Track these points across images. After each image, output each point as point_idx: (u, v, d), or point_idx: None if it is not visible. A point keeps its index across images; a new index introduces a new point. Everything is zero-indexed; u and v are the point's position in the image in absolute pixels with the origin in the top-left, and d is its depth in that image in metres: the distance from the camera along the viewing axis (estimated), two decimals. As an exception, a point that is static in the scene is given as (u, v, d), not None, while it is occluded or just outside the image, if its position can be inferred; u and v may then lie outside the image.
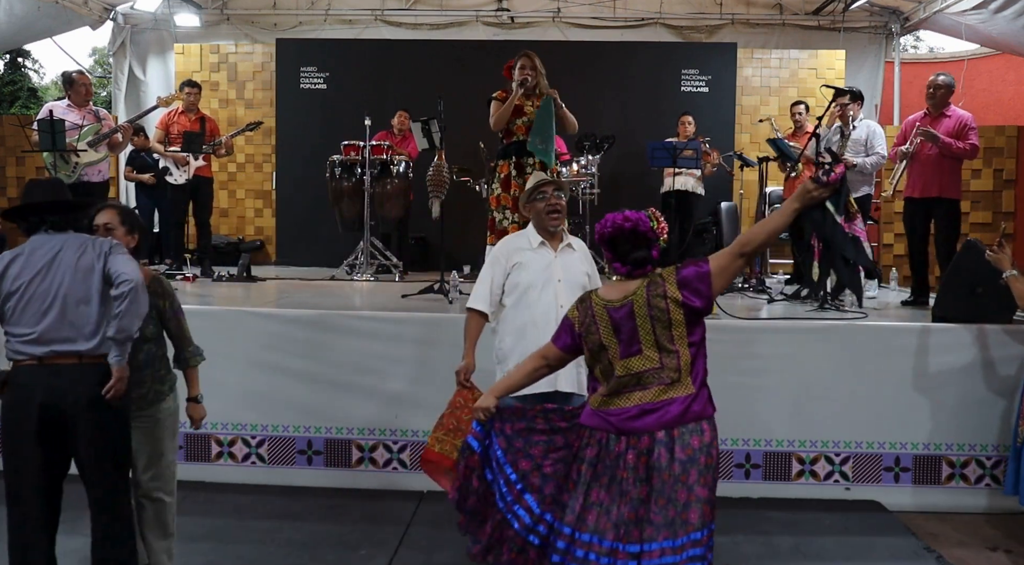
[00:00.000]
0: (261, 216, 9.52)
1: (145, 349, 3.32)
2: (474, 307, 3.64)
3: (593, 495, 2.65)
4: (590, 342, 2.75)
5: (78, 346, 2.96)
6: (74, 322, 2.96)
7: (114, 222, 3.29)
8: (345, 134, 7.48)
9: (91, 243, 3.05)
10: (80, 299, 2.97)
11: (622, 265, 2.76)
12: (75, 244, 3.03)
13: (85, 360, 2.96)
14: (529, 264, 3.58)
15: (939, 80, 5.76)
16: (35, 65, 20.57)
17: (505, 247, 3.70)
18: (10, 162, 9.04)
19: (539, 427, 2.93)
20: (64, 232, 3.08)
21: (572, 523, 2.66)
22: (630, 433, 2.62)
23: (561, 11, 9.29)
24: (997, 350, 4.68)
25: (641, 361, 2.65)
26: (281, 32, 9.39)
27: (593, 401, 2.75)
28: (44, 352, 2.94)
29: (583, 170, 7.31)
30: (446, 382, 4.68)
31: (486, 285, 3.65)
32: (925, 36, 18.26)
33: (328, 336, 4.80)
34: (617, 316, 2.68)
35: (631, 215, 2.75)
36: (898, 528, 4.36)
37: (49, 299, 2.95)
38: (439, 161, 5.94)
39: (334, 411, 4.79)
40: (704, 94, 9.02)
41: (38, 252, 3.02)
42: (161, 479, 3.43)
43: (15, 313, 2.99)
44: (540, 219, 3.62)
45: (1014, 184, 8.34)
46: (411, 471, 4.77)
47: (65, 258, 2.99)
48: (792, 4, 9.23)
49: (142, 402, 3.33)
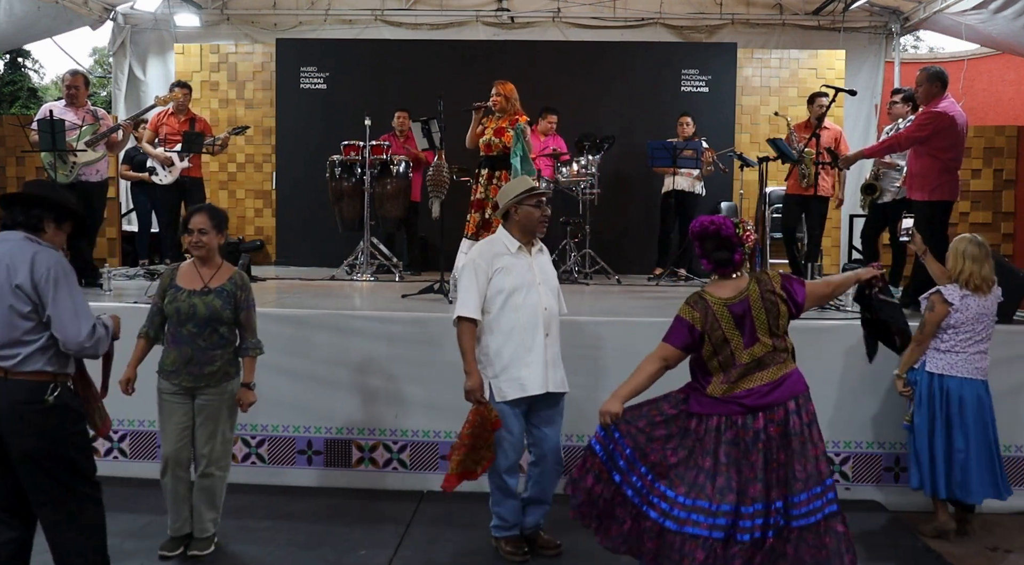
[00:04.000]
0: (261, 216, 9.51)
1: (220, 331, 3.70)
2: (467, 316, 3.64)
3: (746, 471, 3.03)
4: (714, 338, 3.12)
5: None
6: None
7: (207, 226, 3.69)
8: (345, 134, 7.48)
9: (19, 257, 2.84)
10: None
11: (707, 262, 3.24)
12: (13, 255, 2.84)
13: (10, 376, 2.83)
14: (512, 268, 3.68)
15: (919, 74, 5.39)
16: (35, 65, 20.60)
17: (484, 253, 3.72)
18: (10, 162, 9.02)
19: (657, 419, 3.19)
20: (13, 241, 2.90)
21: (732, 501, 3.01)
22: (766, 408, 3.06)
23: (561, 11, 9.29)
24: (997, 350, 4.66)
25: (760, 347, 3.11)
26: (281, 32, 9.38)
27: (716, 390, 3.11)
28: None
29: (583, 170, 7.31)
30: (446, 382, 4.71)
31: (473, 293, 3.65)
32: (925, 36, 18.28)
33: (328, 336, 4.80)
34: (737, 311, 3.12)
35: (717, 219, 3.18)
36: (898, 528, 4.35)
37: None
38: (439, 161, 5.94)
39: (334, 411, 4.79)
40: (704, 94, 9.02)
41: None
42: (216, 454, 3.73)
43: None
44: (530, 224, 3.73)
45: (1014, 184, 8.34)
46: (411, 471, 4.78)
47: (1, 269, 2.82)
48: (792, 4, 9.23)
49: (211, 379, 3.68)
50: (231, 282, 3.73)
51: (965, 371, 4.19)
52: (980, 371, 4.23)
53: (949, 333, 4.21)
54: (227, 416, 3.77)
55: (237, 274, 3.79)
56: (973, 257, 4.18)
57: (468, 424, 3.61)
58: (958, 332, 4.19)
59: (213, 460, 3.73)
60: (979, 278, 4.17)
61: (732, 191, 8.59)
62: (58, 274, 2.86)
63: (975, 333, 4.20)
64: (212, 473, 3.74)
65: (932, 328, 4.21)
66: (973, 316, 4.18)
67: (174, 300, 3.67)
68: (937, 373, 4.21)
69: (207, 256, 3.74)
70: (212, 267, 3.76)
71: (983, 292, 4.20)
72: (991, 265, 4.23)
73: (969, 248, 4.21)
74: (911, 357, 4.28)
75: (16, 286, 2.80)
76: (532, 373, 3.66)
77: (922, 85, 5.41)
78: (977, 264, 4.18)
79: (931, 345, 4.26)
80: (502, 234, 3.79)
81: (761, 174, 6.94)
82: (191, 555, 3.72)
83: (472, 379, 3.64)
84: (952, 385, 4.18)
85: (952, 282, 4.23)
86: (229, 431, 3.82)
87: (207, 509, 3.78)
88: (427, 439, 4.76)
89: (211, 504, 3.79)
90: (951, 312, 4.16)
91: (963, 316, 4.17)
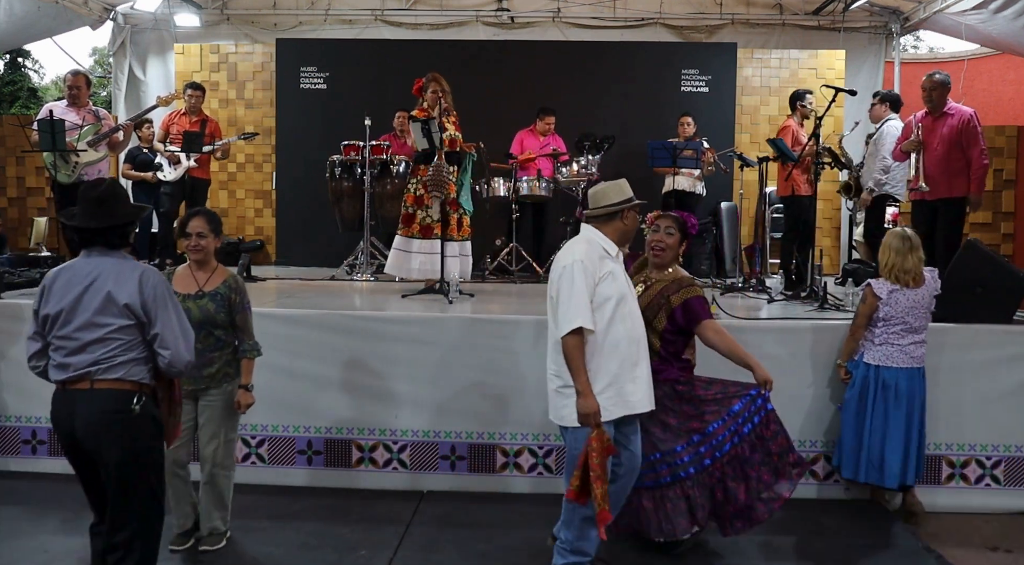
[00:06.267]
0: (261, 216, 9.52)
1: (216, 334, 3.71)
2: (584, 326, 3.20)
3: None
4: None
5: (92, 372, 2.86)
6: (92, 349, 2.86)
7: (205, 229, 3.69)
8: (345, 134, 7.48)
9: (124, 276, 2.87)
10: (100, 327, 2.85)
11: None
12: (107, 274, 2.86)
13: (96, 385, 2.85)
14: (617, 274, 3.37)
15: (934, 79, 5.64)
16: (35, 65, 20.58)
17: (590, 255, 3.32)
18: (10, 162, 9.04)
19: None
20: (109, 255, 2.92)
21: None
22: None
23: (561, 11, 9.29)
24: (997, 350, 4.67)
25: None
26: (281, 32, 9.38)
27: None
28: (65, 377, 2.87)
29: (583, 170, 7.31)
30: (446, 382, 4.72)
31: (584, 299, 3.23)
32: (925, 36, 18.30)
33: (328, 336, 4.80)
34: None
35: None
36: (898, 528, 4.36)
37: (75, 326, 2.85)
38: (439, 161, 5.95)
39: (334, 411, 4.79)
40: (704, 94, 9.02)
41: (76, 277, 2.88)
42: (219, 455, 3.76)
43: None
44: (632, 232, 3.53)
45: (1014, 184, 8.35)
46: (411, 471, 4.77)
47: (98, 287, 2.84)
48: (792, 4, 9.23)
49: (212, 381, 3.71)
50: (225, 285, 3.73)
51: (901, 361, 4.35)
52: (916, 360, 4.38)
53: (881, 326, 4.36)
54: (229, 417, 3.80)
55: (231, 277, 3.78)
56: (896, 250, 4.33)
57: (594, 452, 3.17)
58: (889, 325, 4.34)
59: (217, 462, 3.77)
60: (901, 270, 4.30)
61: (732, 191, 8.59)
62: (164, 293, 2.90)
63: (907, 325, 4.33)
64: (217, 474, 3.79)
65: (863, 319, 4.40)
66: (903, 309, 4.31)
67: None
68: (874, 364, 4.37)
69: (204, 259, 3.75)
70: (207, 271, 3.77)
71: (911, 285, 4.31)
72: (917, 258, 4.35)
73: (893, 241, 4.37)
74: (847, 347, 4.50)
75: (125, 305, 2.81)
76: (638, 389, 3.35)
77: (937, 90, 5.62)
78: (900, 256, 4.32)
79: (867, 338, 4.42)
80: (597, 236, 3.42)
81: (761, 174, 6.96)
82: (202, 549, 3.79)
83: (590, 401, 3.20)
84: (888, 375, 4.34)
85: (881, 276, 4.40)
86: (232, 431, 3.85)
87: (216, 508, 3.84)
88: (427, 439, 4.76)
89: (220, 503, 3.85)
90: (880, 305, 4.32)
91: (892, 309, 4.32)
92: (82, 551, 3.80)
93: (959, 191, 5.61)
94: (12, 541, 3.95)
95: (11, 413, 4.94)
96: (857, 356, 4.47)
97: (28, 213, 9.16)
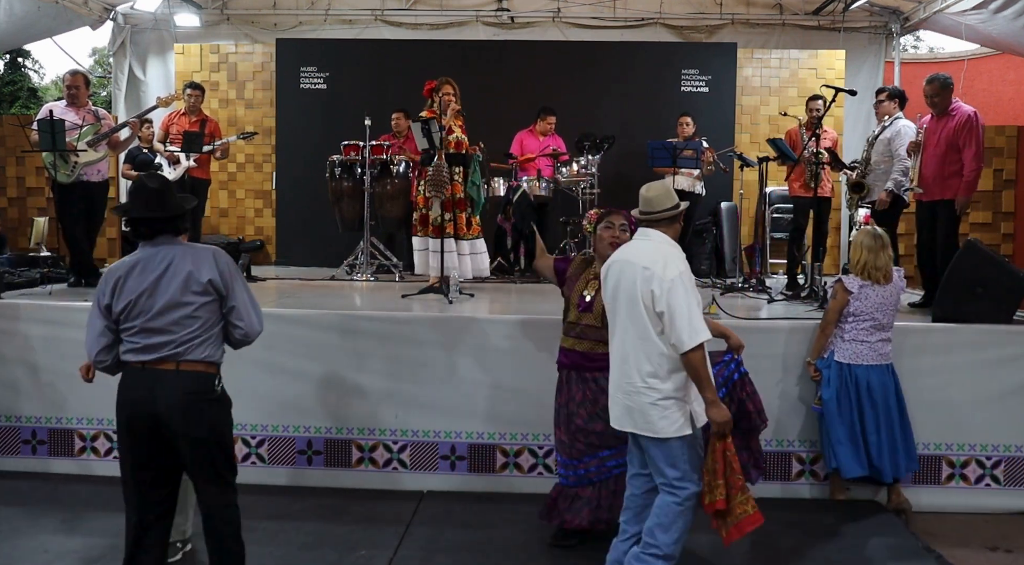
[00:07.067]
0: (261, 216, 9.52)
1: None
2: (705, 339, 3.18)
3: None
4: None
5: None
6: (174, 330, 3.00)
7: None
8: (345, 134, 7.48)
9: (199, 256, 3.07)
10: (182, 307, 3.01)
11: None
12: (182, 256, 3.03)
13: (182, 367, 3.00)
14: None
15: (935, 84, 5.55)
16: (35, 65, 20.56)
17: (686, 263, 3.34)
18: (10, 162, 9.02)
19: None
20: (175, 242, 3.09)
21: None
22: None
23: (561, 11, 9.28)
24: (997, 350, 4.67)
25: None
26: (281, 32, 9.38)
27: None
28: (148, 358, 2.99)
29: (583, 170, 7.31)
30: (446, 382, 4.72)
31: (699, 310, 3.20)
32: (925, 36, 18.28)
33: (328, 336, 4.80)
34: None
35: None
36: (898, 528, 4.36)
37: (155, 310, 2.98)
38: (439, 161, 5.95)
39: (334, 411, 4.79)
40: (704, 94, 9.02)
41: (151, 263, 3.02)
42: None
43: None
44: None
45: (1014, 184, 8.34)
46: (411, 471, 4.77)
47: (176, 269, 3.00)
48: (792, 4, 9.22)
49: None
50: None
51: (870, 359, 4.43)
52: (884, 356, 4.47)
53: (851, 322, 4.44)
54: None
55: None
56: (868, 247, 4.43)
57: (733, 459, 3.26)
58: (859, 320, 4.41)
59: None
60: (873, 267, 4.41)
61: (732, 191, 8.59)
62: (234, 270, 3.11)
63: (876, 322, 4.41)
64: None
65: (834, 315, 4.48)
66: (873, 306, 4.40)
67: None
68: (846, 363, 4.43)
69: None
70: None
71: (881, 281, 4.41)
72: (888, 256, 4.46)
73: (866, 240, 4.48)
74: (818, 344, 4.56)
75: (208, 281, 2.99)
76: None
77: (939, 94, 5.56)
78: (872, 254, 4.42)
79: (836, 335, 4.50)
80: (668, 239, 3.39)
81: (761, 174, 6.96)
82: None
83: (723, 409, 3.21)
84: (860, 373, 4.42)
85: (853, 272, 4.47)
86: None
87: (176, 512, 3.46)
88: (427, 439, 4.76)
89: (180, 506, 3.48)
90: (850, 300, 4.40)
91: (862, 305, 4.40)
92: (82, 551, 3.81)
93: (954, 193, 5.51)
94: (12, 541, 3.95)
95: (11, 413, 4.94)
96: (827, 354, 4.52)
97: (28, 213, 9.15)
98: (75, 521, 4.15)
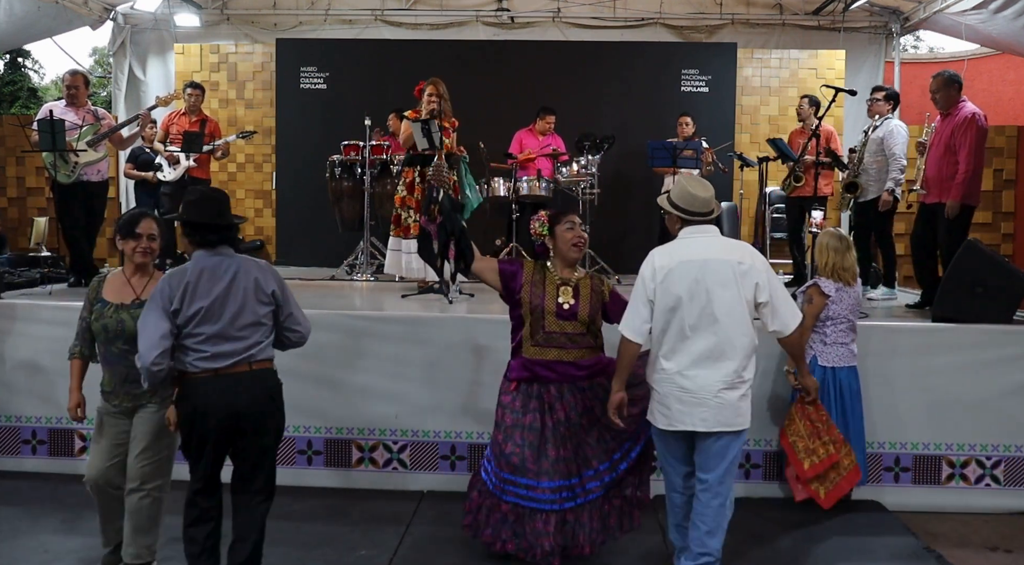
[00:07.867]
0: (261, 216, 9.52)
1: None
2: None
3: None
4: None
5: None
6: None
7: (156, 231, 3.54)
8: (345, 134, 7.48)
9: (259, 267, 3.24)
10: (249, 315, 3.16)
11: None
12: (246, 267, 3.19)
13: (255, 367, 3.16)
14: None
15: (938, 79, 5.47)
16: (35, 65, 20.54)
17: None
18: (10, 162, 9.04)
19: None
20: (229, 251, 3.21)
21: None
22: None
23: (561, 11, 9.28)
24: (997, 350, 4.68)
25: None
26: (281, 32, 9.38)
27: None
28: (221, 365, 3.09)
29: (583, 170, 7.30)
30: (446, 382, 4.72)
31: None
32: (925, 36, 18.28)
33: (328, 336, 4.79)
34: None
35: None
36: (898, 528, 4.36)
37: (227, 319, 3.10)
38: (439, 161, 5.94)
39: (334, 411, 4.79)
40: (704, 94, 9.02)
41: (217, 271, 3.12)
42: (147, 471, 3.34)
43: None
44: None
45: (1014, 184, 8.36)
46: (411, 471, 4.78)
47: (244, 279, 3.15)
48: (792, 4, 9.23)
49: (151, 397, 3.39)
50: None
51: (847, 360, 4.46)
52: (855, 357, 4.50)
53: (829, 326, 4.42)
54: (165, 433, 3.34)
55: None
56: (835, 249, 4.43)
57: (826, 418, 3.75)
58: (836, 323, 4.41)
59: (145, 479, 3.32)
60: (841, 268, 4.40)
61: (732, 191, 8.59)
62: (283, 281, 3.30)
63: (850, 323, 4.44)
64: (142, 493, 3.32)
65: (811, 320, 4.41)
66: (847, 307, 4.41)
67: (100, 317, 3.38)
68: (830, 366, 4.42)
69: (148, 264, 3.51)
70: (146, 277, 3.50)
71: (850, 282, 4.42)
72: (853, 257, 4.46)
73: (831, 241, 4.47)
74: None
75: (272, 292, 3.18)
76: None
77: (940, 91, 5.46)
78: (839, 255, 4.42)
79: (816, 340, 4.46)
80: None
81: (761, 174, 6.97)
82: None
83: (812, 378, 3.89)
84: (842, 376, 4.43)
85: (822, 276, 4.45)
86: (165, 449, 3.41)
87: (137, 534, 3.32)
88: (427, 439, 4.76)
89: (142, 529, 3.33)
90: (828, 303, 4.38)
91: (839, 307, 4.40)
92: (82, 551, 3.81)
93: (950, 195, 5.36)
94: (12, 541, 3.95)
95: (11, 413, 4.94)
96: (808, 359, 4.38)
97: (28, 213, 9.17)
98: (75, 521, 4.15)
